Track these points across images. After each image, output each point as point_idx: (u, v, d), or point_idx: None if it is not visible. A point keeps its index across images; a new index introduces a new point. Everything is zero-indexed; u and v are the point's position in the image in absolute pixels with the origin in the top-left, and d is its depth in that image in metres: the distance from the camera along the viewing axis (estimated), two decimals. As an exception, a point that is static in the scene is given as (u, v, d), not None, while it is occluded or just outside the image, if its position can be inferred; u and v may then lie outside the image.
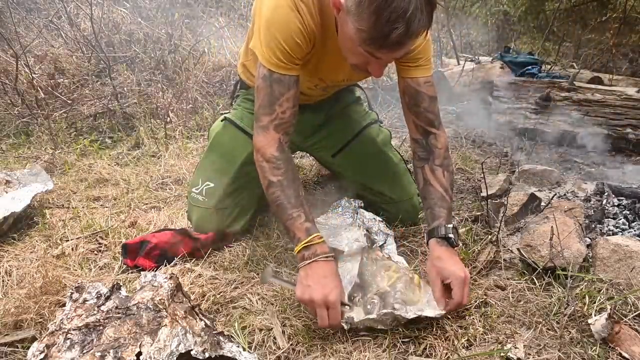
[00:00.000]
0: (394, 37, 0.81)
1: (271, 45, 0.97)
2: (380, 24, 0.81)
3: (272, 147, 0.99)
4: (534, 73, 2.65)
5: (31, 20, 2.88)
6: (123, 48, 2.74)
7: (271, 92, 0.99)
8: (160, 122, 2.21)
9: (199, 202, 1.25)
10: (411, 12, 0.79)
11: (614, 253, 1.09)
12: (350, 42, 0.89)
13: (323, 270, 0.92)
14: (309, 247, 0.93)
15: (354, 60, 0.96)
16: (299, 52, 0.99)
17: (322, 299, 0.88)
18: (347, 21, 0.86)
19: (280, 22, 0.96)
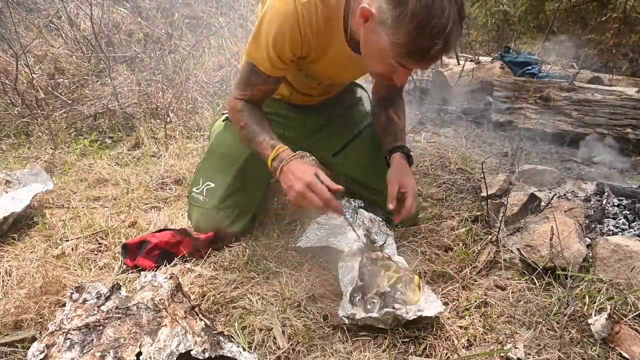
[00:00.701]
0: (433, 52, 0.85)
1: (262, 45, 1.01)
2: (421, 40, 0.83)
3: (237, 105, 1.12)
4: (534, 73, 2.65)
5: (31, 20, 2.88)
6: (123, 48, 2.74)
7: (248, 79, 1.09)
8: (160, 122, 2.21)
9: (199, 201, 1.25)
10: (450, 28, 0.82)
11: (614, 253, 1.09)
12: (380, 52, 0.90)
13: (292, 167, 1.00)
14: (276, 157, 1.03)
15: (378, 70, 0.97)
16: (286, 58, 1.03)
17: (303, 186, 0.96)
18: (378, 33, 0.87)
19: (274, 27, 0.98)
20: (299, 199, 0.98)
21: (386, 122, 1.26)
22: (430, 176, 1.75)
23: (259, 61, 1.04)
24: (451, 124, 2.44)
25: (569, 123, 2.18)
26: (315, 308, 1.02)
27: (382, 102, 1.29)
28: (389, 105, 1.28)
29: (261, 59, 1.03)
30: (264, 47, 1.00)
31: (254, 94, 1.11)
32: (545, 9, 3.68)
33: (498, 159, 1.94)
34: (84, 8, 2.73)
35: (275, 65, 1.03)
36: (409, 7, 0.81)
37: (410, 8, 0.80)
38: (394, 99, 1.30)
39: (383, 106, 1.28)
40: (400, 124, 1.25)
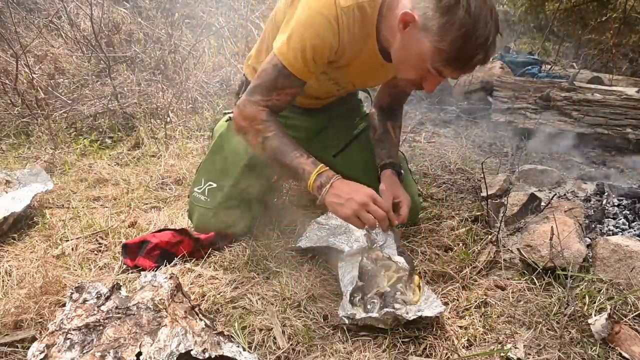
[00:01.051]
0: (474, 62, 0.89)
1: (296, 46, 0.98)
2: (466, 49, 0.87)
3: (261, 114, 1.05)
4: (534, 73, 2.65)
5: (31, 20, 2.88)
6: (123, 48, 2.74)
7: (275, 82, 1.03)
8: (160, 122, 2.21)
9: (200, 202, 1.25)
10: (491, 40, 0.86)
11: (614, 253, 1.09)
12: (418, 58, 0.92)
13: (344, 183, 1.00)
14: (321, 174, 1.00)
15: (411, 75, 0.98)
16: (320, 62, 1.01)
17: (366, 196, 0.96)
18: (419, 38, 0.89)
19: (313, 29, 0.96)
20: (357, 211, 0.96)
21: (383, 134, 1.28)
22: (430, 176, 1.75)
23: (292, 63, 0.99)
24: (451, 124, 2.44)
25: (569, 123, 2.18)
26: (315, 308, 1.02)
27: (383, 112, 1.31)
28: (389, 117, 1.30)
29: (294, 61, 0.99)
30: (298, 48, 0.97)
31: (280, 99, 1.04)
32: (545, 9, 3.68)
33: (498, 159, 1.94)
34: (84, 8, 2.73)
35: (308, 68, 1.00)
36: (457, 16, 0.84)
37: (459, 17, 0.84)
38: (394, 111, 1.32)
39: (383, 117, 1.30)
40: (395, 140, 1.29)
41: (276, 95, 1.04)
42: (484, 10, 0.85)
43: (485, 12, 0.85)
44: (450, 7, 0.84)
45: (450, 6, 0.84)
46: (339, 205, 0.98)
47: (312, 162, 1.02)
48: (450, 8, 0.84)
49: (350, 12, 0.97)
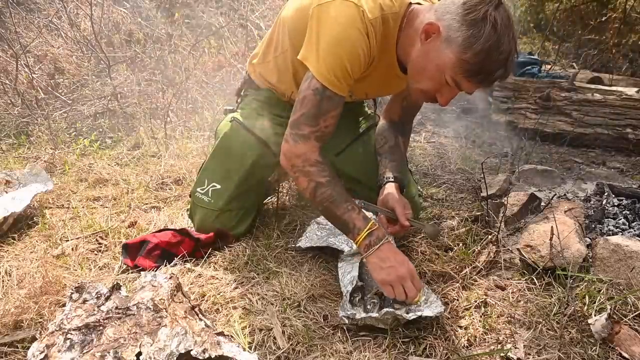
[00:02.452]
0: (495, 76, 0.91)
1: (332, 63, 0.96)
2: (489, 62, 0.88)
3: (314, 153, 1.02)
4: (534, 73, 2.65)
5: (31, 20, 2.88)
6: (123, 48, 2.74)
7: (319, 107, 0.99)
8: (160, 122, 2.21)
9: (204, 202, 1.25)
10: (511, 57, 0.89)
11: (613, 253, 1.09)
12: (437, 69, 0.92)
13: (392, 250, 1.00)
14: (372, 233, 0.99)
15: (427, 86, 0.98)
16: (357, 74, 1.01)
17: (407, 272, 0.97)
18: (441, 49, 0.90)
19: (348, 44, 0.96)
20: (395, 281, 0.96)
21: (394, 147, 1.27)
22: (430, 176, 1.75)
23: (332, 81, 0.97)
24: (451, 124, 2.44)
25: (569, 123, 2.18)
26: (315, 308, 1.02)
27: (394, 124, 1.30)
28: (400, 132, 1.29)
29: (335, 79, 0.97)
30: (337, 66, 0.95)
31: (328, 124, 1.01)
32: (545, 9, 3.68)
33: (498, 159, 1.94)
34: (84, 8, 2.73)
35: (347, 83, 0.99)
36: (483, 30, 0.86)
37: (485, 31, 0.86)
38: (405, 126, 1.31)
39: (394, 129, 1.29)
40: (404, 155, 1.30)
41: (323, 121, 1.00)
42: (508, 28, 0.87)
43: (509, 30, 0.87)
44: (477, 21, 0.86)
45: (477, 20, 0.86)
46: (380, 269, 0.97)
47: (364, 218, 1.00)
48: (477, 22, 0.86)
49: (377, 23, 0.98)
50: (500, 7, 0.87)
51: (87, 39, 2.64)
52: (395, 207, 1.10)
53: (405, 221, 1.09)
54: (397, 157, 1.25)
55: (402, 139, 1.29)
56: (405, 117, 1.31)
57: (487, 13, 0.86)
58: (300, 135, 1.01)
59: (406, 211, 1.11)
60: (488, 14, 0.86)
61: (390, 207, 1.12)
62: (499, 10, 0.87)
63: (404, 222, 1.09)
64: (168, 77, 2.59)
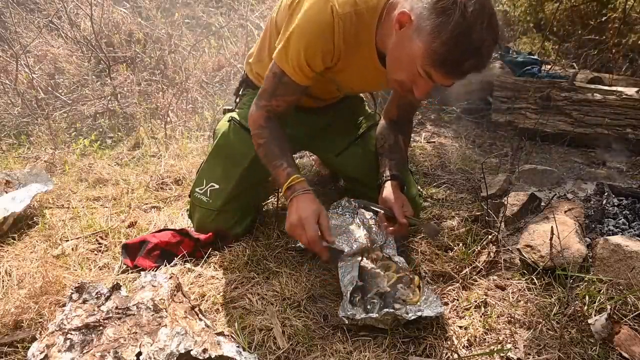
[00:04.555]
0: (465, 67, 0.87)
1: (292, 54, 1.00)
2: (457, 51, 0.85)
3: (261, 119, 1.12)
4: (534, 73, 2.64)
5: (31, 21, 2.88)
6: (123, 48, 2.74)
7: (275, 88, 1.08)
8: (160, 122, 2.21)
9: (202, 202, 1.25)
10: (485, 47, 0.84)
11: (613, 253, 1.09)
12: (410, 59, 0.91)
13: (301, 201, 1.03)
14: (290, 187, 1.05)
15: (401, 77, 0.97)
16: (317, 68, 1.03)
17: (297, 220, 1.00)
18: (413, 39, 0.88)
19: (310, 38, 0.98)
20: (290, 229, 1.04)
21: (394, 145, 1.26)
22: (430, 176, 1.75)
23: (289, 70, 1.03)
24: (451, 124, 2.44)
25: (569, 123, 2.18)
26: (315, 308, 1.02)
27: (393, 124, 1.29)
28: (399, 131, 1.28)
29: (292, 68, 1.02)
30: (294, 56, 1.00)
31: (279, 105, 1.10)
32: (545, 9, 3.68)
33: (498, 159, 1.94)
34: (84, 8, 2.73)
35: (305, 74, 1.03)
36: (452, 18, 0.82)
37: (454, 20, 0.82)
38: (404, 124, 1.30)
39: (394, 128, 1.29)
40: (405, 153, 1.29)
41: (275, 100, 1.09)
42: (481, 17, 0.83)
43: (483, 18, 0.83)
44: (446, 9, 0.83)
45: (446, 8, 0.83)
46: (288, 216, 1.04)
47: (288, 174, 1.06)
48: (446, 9, 0.83)
49: (347, 18, 0.97)
50: None
51: (87, 39, 2.64)
52: (393, 205, 1.10)
53: (402, 219, 1.09)
54: (397, 155, 1.25)
55: (402, 138, 1.28)
56: (403, 116, 1.31)
57: (458, 1, 0.82)
58: (256, 105, 1.12)
59: (405, 209, 1.11)
60: (458, 1, 0.82)
61: (389, 206, 1.12)
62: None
63: (401, 220, 1.08)
64: (168, 77, 2.59)
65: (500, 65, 2.65)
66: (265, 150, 1.11)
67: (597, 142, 2.12)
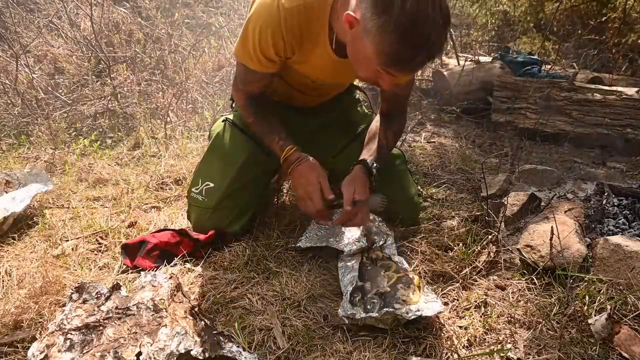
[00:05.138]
0: (417, 61, 0.86)
1: (247, 47, 1.05)
2: (404, 49, 0.83)
3: (242, 99, 1.19)
4: (533, 73, 2.64)
5: (31, 20, 2.88)
6: (123, 48, 2.74)
7: (245, 76, 1.14)
8: (160, 122, 2.21)
9: (198, 202, 1.25)
10: (433, 37, 0.82)
11: (613, 253, 1.09)
12: (365, 59, 0.90)
13: (300, 172, 1.10)
14: (286, 159, 1.12)
15: (364, 75, 0.98)
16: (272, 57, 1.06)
17: (304, 193, 1.08)
18: (363, 39, 0.87)
19: (262, 32, 1.01)
20: (299, 204, 1.13)
21: (372, 135, 1.25)
22: (430, 176, 1.75)
23: (248, 61, 1.08)
24: (451, 124, 2.44)
25: (569, 123, 2.18)
26: (315, 308, 1.02)
27: (384, 118, 1.27)
28: (385, 122, 1.26)
29: (249, 59, 1.07)
30: (250, 48, 1.04)
31: (253, 89, 1.17)
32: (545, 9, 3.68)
33: (498, 159, 1.94)
34: (84, 8, 2.73)
35: (263, 64, 1.07)
36: (392, 16, 0.80)
37: (394, 17, 0.80)
38: (392, 117, 1.27)
39: (381, 122, 1.27)
40: (381, 140, 1.22)
41: (249, 85, 1.16)
42: (423, 8, 0.79)
43: (425, 9, 0.79)
44: (386, 8, 0.80)
45: (385, 7, 0.81)
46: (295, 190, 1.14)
47: (280, 147, 1.12)
48: (386, 8, 0.80)
49: (296, 12, 0.98)
50: None
51: (87, 38, 2.64)
52: (343, 192, 1.08)
53: (347, 206, 1.06)
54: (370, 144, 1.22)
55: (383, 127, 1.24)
56: (392, 107, 1.28)
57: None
58: (235, 87, 1.20)
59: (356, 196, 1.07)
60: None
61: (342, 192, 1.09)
62: None
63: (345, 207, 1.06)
64: (168, 77, 2.59)
65: (501, 65, 2.66)
66: (257, 128, 1.19)
67: (597, 142, 2.13)
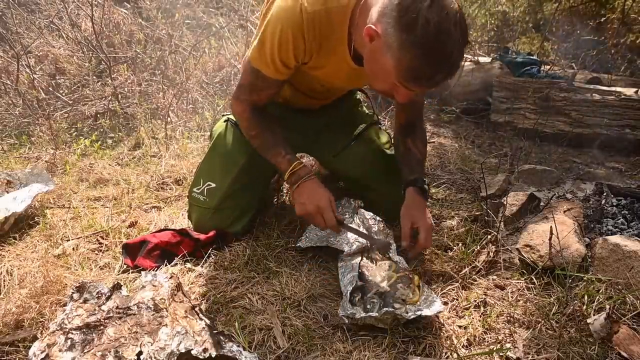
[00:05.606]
0: (437, 79, 0.87)
1: (266, 52, 1.02)
2: (426, 67, 0.84)
3: (246, 112, 1.16)
4: (533, 73, 2.65)
5: (32, 21, 2.88)
6: (124, 48, 2.74)
7: (254, 84, 1.11)
8: (160, 122, 2.21)
9: (199, 202, 1.26)
10: (454, 54, 0.83)
11: (612, 253, 1.09)
12: (384, 72, 0.91)
13: (309, 188, 1.10)
14: (294, 173, 1.11)
15: (380, 87, 0.99)
16: (291, 64, 1.05)
17: (315, 208, 1.08)
18: (383, 54, 0.88)
19: (283, 36, 0.99)
20: (305, 216, 1.11)
21: (404, 152, 1.24)
22: (429, 176, 1.75)
23: (264, 67, 1.05)
24: (451, 124, 2.44)
25: (568, 123, 2.19)
26: (315, 308, 1.02)
27: (402, 130, 1.27)
28: (408, 133, 1.26)
29: (265, 65, 1.04)
30: (268, 53, 1.02)
31: (260, 99, 1.13)
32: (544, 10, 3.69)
33: (497, 159, 1.95)
34: (85, 9, 2.74)
35: (279, 70, 1.05)
36: (416, 34, 0.81)
37: (418, 35, 0.80)
38: (413, 126, 1.27)
39: (403, 134, 1.27)
40: (417, 154, 1.23)
41: (256, 95, 1.13)
42: (445, 26, 0.80)
43: (448, 27, 0.80)
44: (409, 25, 0.81)
45: (409, 24, 0.81)
46: (301, 204, 1.11)
47: (288, 161, 1.12)
48: (409, 25, 0.81)
49: (317, 17, 0.98)
50: (435, 4, 0.79)
51: (88, 39, 2.64)
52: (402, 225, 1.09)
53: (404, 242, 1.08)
54: (410, 160, 1.22)
55: (411, 140, 1.25)
56: (411, 116, 1.28)
57: (420, 14, 0.79)
58: (237, 98, 1.16)
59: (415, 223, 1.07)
60: (420, 16, 0.79)
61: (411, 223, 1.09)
62: (432, 9, 0.79)
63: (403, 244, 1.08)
64: (168, 77, 2.59)
65: (500, 66, 2.66)
66: (260, 140, 1.16)
67: (596, 142, 2.13)
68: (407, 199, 1.13)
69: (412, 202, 1.12)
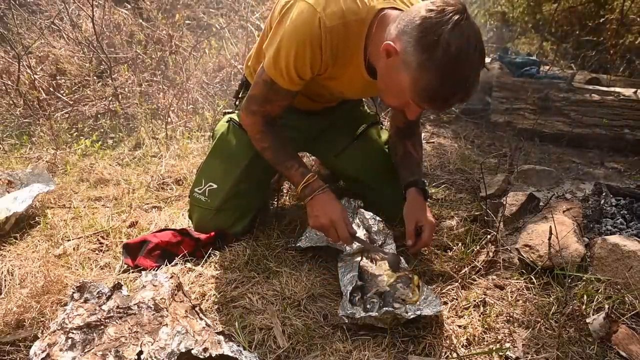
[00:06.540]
0: (452, 101, 0.88)
1: (281, 63, 1.01)
2: (443, 89, 0.85)
3: (258, 125, 1.14)
4: (532, 74, 2.65)
5: (33, 22, 2.89)
6: (124, 49, 2.75)
7: (267, 95, 1.09)
8: (161, 122, 2.21)
9: (201, 202, 1.26)
10: (471, 78, 0.84)
11: (611, 253, 1.10)
12: (398, 89, 0.91)
13: (323, 200, 1.10)
14: (307, 186, 1.11)
15: (393, 103, 0.99)
16: (306, 77, 1.04)
17: (329, 222, 1.08)
18: (400, 72, 0.88)
19: (300, 49, 0.98)
20: (319, 229, 1.11)
21: (403, 155, 1.26)
22: (429, 176, 1.76)
23: (278, 78, 1.04)
24: (450, 124, 2.44)
25: (567, 123, 2.19)
26: (315, 307, 1.03)
27: (400, 132, 1.29)
28: (407, 137, 1.28)
29: (280, 76, 1.03)
30: (283, 64, 1.01)
31: (274, 109, 1.12)
32: (543, 10, 3.69)
33: (497, 159, 1.95)
34: (86, 9, 2.74)
35: (294, 82, 1.04)
36: (435, 55, 0.81)
37: (438, 57, 0.81)
38: (411, 129, 1.29)
39: (401, 137, 1.29)
40: (416, 157, 1.26)
41: (269, 106, 1.11)
42: (465, 49, 0.81)
43: (467, 50, 0.81)
44: (430, 46, 0.81)
45: (430, 45, 0.81)
46: (310, 217, 1.12)
47: (301, 174, 1.12)
48: (430, 47, 0.81)
49: (335, 31, 0.97)
50: (457, 27, 0.80)
51: (88, 40, 2.65)
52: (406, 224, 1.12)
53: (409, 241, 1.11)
54: (408, 163, 1.24)
55: (410, 143, 1.27)
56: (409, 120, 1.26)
57: (441, 37, 0.80)
58: (249, 110, 1.14)
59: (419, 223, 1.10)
60: (441, 38, 0.80)
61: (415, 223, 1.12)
62: (454, 32, 0.80)
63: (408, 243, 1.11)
64: (169, 77, 2.60)
65: (499, 66, 2.67)
66: (272, 153, 1.15)
67: (595, 143, 2.13)
68: (408, 199, 1.16)
69: (414, 202, 1.15)
